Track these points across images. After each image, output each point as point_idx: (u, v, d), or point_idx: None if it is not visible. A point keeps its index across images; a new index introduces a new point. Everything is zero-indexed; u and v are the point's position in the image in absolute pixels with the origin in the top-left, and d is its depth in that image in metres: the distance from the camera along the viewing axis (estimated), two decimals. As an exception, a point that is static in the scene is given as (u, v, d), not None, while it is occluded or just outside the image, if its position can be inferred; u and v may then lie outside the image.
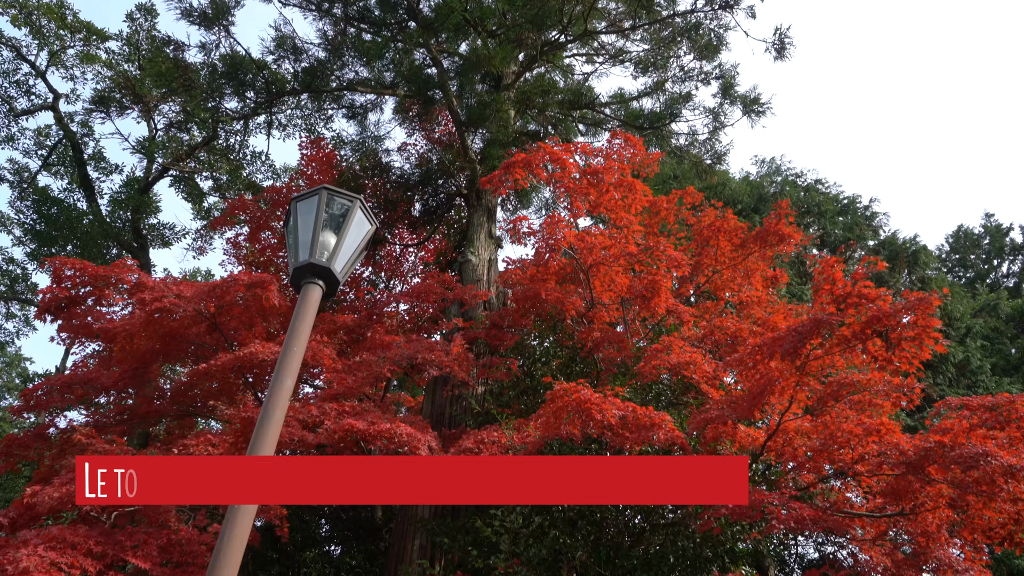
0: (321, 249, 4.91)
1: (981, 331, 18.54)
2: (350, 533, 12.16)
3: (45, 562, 6.61)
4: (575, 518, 8.80)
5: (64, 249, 18.59)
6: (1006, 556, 14.37)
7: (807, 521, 6.80)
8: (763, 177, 25.24)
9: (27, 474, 18.21)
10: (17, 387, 29.29)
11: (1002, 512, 6.96)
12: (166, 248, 22.50)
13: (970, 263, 29.89)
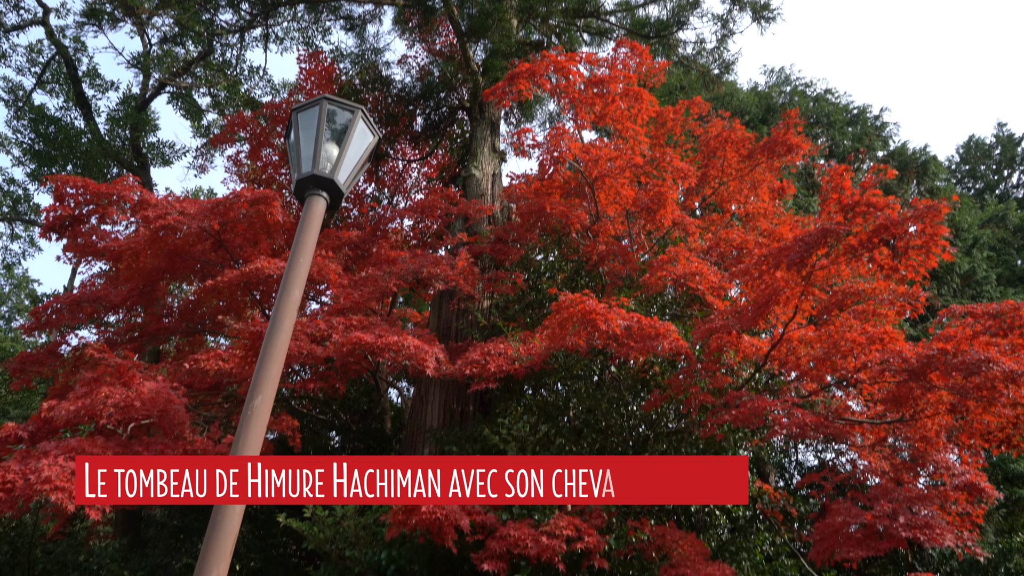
0: (324, 160, 4.85)
1: (988, 242, 18.44)
2: (361, 444, 12.45)
3: (66, 472, 6.80)
4: (580, 427, 8.98)
5: (64, 169, 18.43)
6: (1002, 460, 14.69)
7: (808, 427, 6.92)
8: (772, 87, 24.70)
9: (42, 391, 18.58)
10: (26, 309, 29.56)
11: (1001, 416, 7.07)
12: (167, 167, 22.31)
13: (980, 174, 29.52)
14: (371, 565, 7.39)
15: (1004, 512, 14.65)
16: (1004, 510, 14.65)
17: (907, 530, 6.13)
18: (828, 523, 6.70)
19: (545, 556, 6.44)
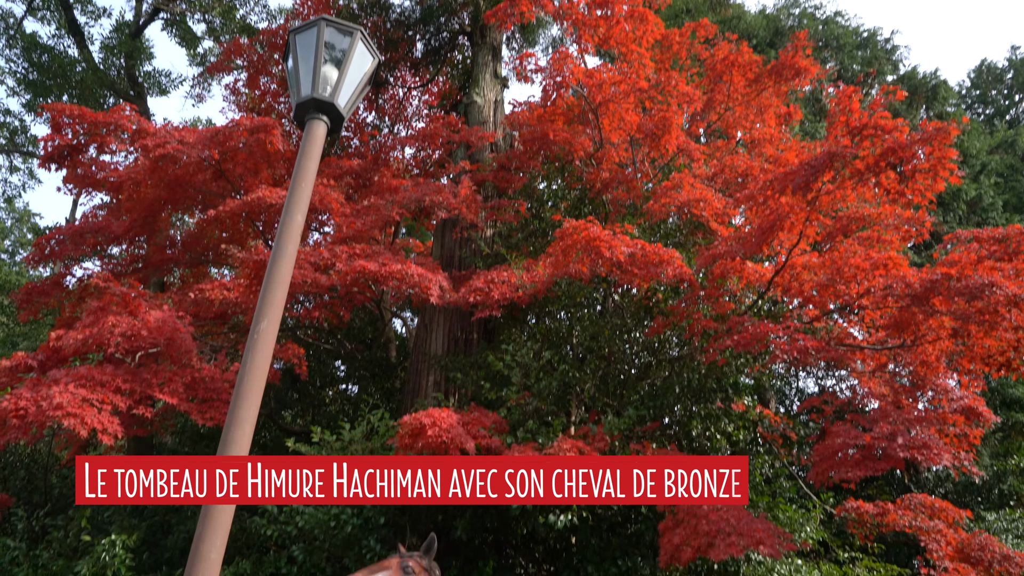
0: (323, 83, 4.76)
1: (996, 168, 18.22)
2: (366, 372, 12.60)
3: (77, 398, 6.91)
4: (584, 354, 9.06)
5: (59, 100, 18.17)
6: (1000, 385, 14.85)
7: (810, 352, 6.97)
8: (780, 10, 24.05)
9: (49, 322, 18.72)
10: (28, 243, 29.57)
11: (1002, 340, 7.10)
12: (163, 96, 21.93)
13: (991, 99, 28.99)
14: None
15: (1000, 436, 14.90)
16: (1000, 434, 14.90)
17: (905, 450, 6.24)
18: (827, 445, 6.81)
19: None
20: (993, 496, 13.50)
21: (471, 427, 7.00)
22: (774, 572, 8.08)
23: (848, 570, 10.01)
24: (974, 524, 11.60)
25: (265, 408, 10.59)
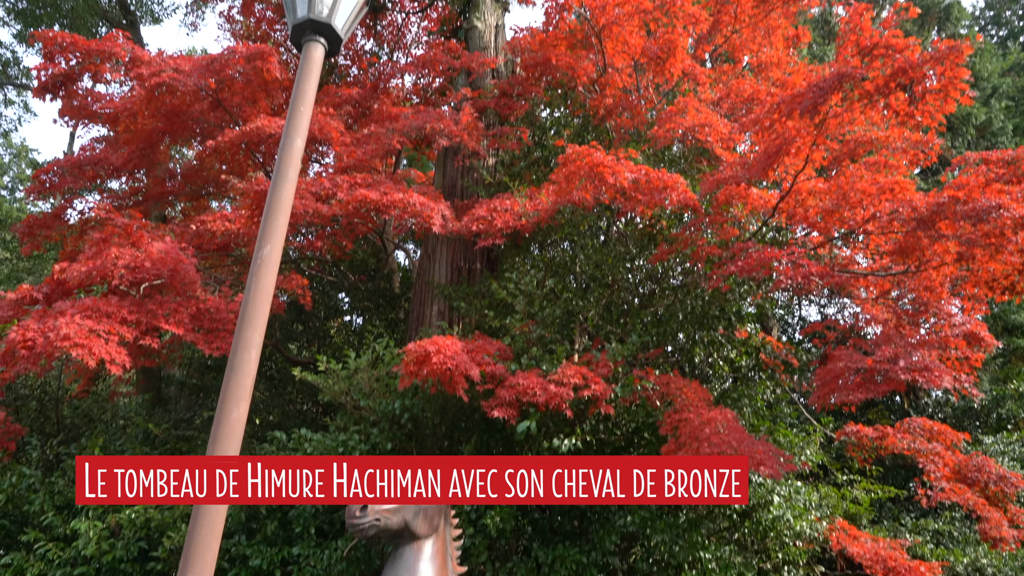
0: (320, 4, 4.63)
1: (1008, 91, 17.88)
2: (370, 304, 12.65)
3: (84, 329, 6.96)
4: (587, 282, 9.06)
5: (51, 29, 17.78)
6: (1003, 311, 14.90)
7: (813, 277, 6.96)
8: (789, -71, 23.24)
9: (53, 257, 18.75)
10: (27, 178, 29.39)
11: (1007, 264, 7.08)
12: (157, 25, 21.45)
13: (1005, 21, 28.25)
14: (385, 414, 7.67)
15: (1001, 361, 15.01)
16: (1001, 359, 15.01)
17: (906, 373, 6.29)
18: (829, 369, 6.86)
19: (553, 403, 6.65)
20: (991, 420, 13.68)
21: (475, 354, 7.05)
22: (774, 493, 8.24)
23: (846, 492, 10.23)
24: (972, 447, 11.79)
25: (271, 339, 10.68)
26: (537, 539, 7.75)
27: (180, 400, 12.41)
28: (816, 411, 12.28)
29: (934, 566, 7.81)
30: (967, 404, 13.84)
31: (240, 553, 7.50)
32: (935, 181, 15.27)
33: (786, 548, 8.39)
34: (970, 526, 11.45)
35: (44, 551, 7.46)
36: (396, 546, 4.99)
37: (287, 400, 12.06)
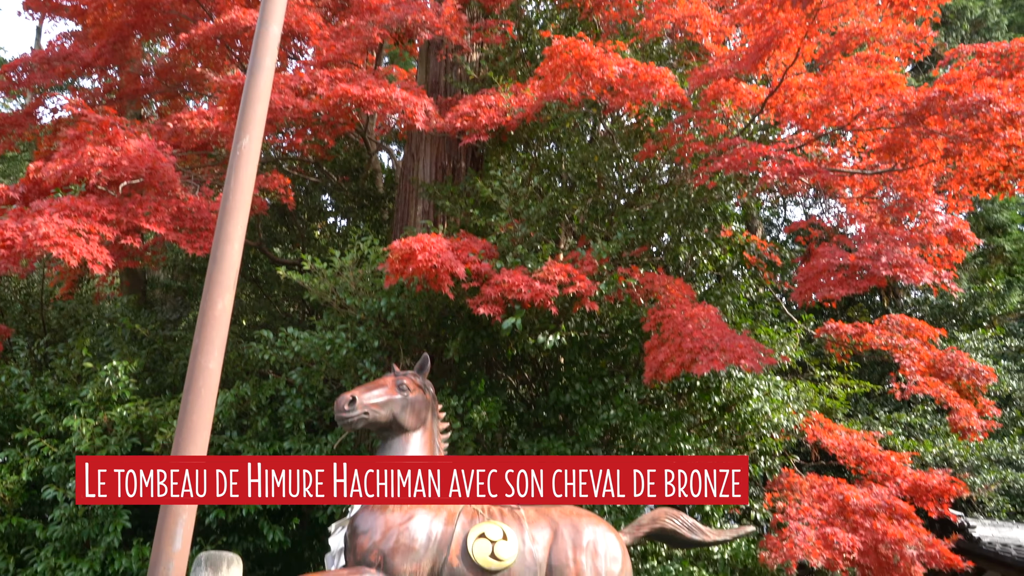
0: None
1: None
2: (354, 205, 12.54)
3: (63, 228, 6.87)
4: (573, 180, 8.99)
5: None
6: (986, 211, 14.99)
7: (800, 173, 6.93)
8: None
9: (27, 158, 18.34)
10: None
11: (993, 160, 7.06)
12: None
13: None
14: (371, 313, 7.72)
15: (980, 260, 15.21)
16: (981, 259, 15.21)
17: (888, 269, 6.36)
18: (812, 265, 6.92)
19: (538, 300, 6.70)
20: (968, 318, 13.98)
21: (461, 252, 7.05)
22: (753, 388, 8.46)
23: (823, 387, 10.51)
24: (947, 344, 12.07)
25: (254, 241, 10.60)
26: (523, 432, 7.96)
27: (166, 303, 12.42)
28: (797, 309, 12.48)
29: (904, 456, 8.10)
30: (945, 302, 14.09)
31: (232, 448, 7.66)
32: (927, 78, 15.05)
33: (763, 440, 8.67)
34: (941, 419, 11.86)
35: (38, 448, 7.60)
36: (385, 439, 5.09)
37: (273, 302, 12.09)
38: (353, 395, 4.91)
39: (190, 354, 3.30)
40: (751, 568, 7.99)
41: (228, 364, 8.73)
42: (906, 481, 7.60)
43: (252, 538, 7.81)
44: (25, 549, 7.36)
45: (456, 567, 4.60)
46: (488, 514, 4.89)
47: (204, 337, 3.26)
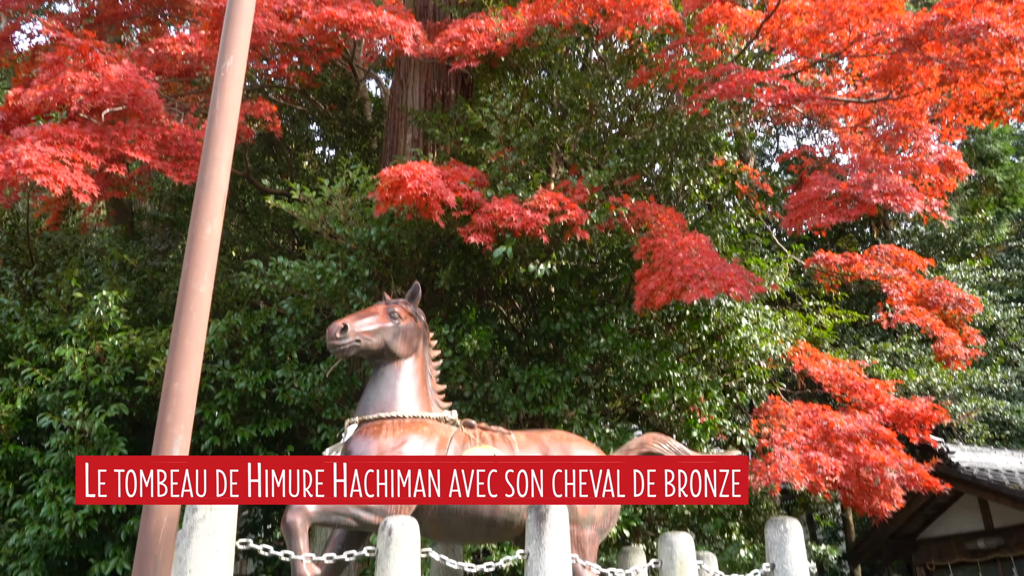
0: None
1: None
2: (342, 134, 12.37)
3: (46, 156, 6.74)
4: (565, 107, 8.87)
5: None
6: (978, 141, 14.92)
7: (794, 100, 6.85)
8: None
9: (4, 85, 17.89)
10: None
11: (989, 87, 6.99)
12: None
13: None
14: (362, 242, 7.68)
15: (971, 192, 15.21)
16: (971, 190, 15.20)
17: (879, 196, 6.34)
18: (803, 193, 6.90)
19: (529, 229, 6.68)
20: (956, 249, 14.06)
21: (451, 181, 6.99)
22: (742, 317, 8.53)
23: (811, 317, 10.61)
24: (935, 274, 12.17)
25: (242, 171, 10.48)
26: (513, 360, 8.04)
27: (154, 234, 12.31)
28: (788, 239, 12.51)
29: (888, 384, 8.24)
30: (934, 233, 14.15)
31: (225, 377, 7.73)
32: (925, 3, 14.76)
33: (751, 368, 8.79)
34: (926, 349, 12.04)
35: (31, 377, 7.63)
36: (377, 366, 5.11)
37: (263, 233, 12.02)
38: (345, 323, 4.91)
39: (180, 279, 3.28)
40: (736, 491, 8.21)
41: (219, 294, 8.72)
42: (889, 408, 7.75)
43: (247, 464, 7.95)
44: (23, 475, 7.47)
45: None
46: (480, 439, 4.95)
47: (193, 261, 3.23)
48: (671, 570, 4.54)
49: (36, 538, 6.93)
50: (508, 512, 4.74)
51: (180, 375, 3.02)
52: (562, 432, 5.31)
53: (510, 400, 7.55)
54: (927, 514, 10.64)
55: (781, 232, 12.44)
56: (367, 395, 4.99)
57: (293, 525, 4.26)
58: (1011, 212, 15.27)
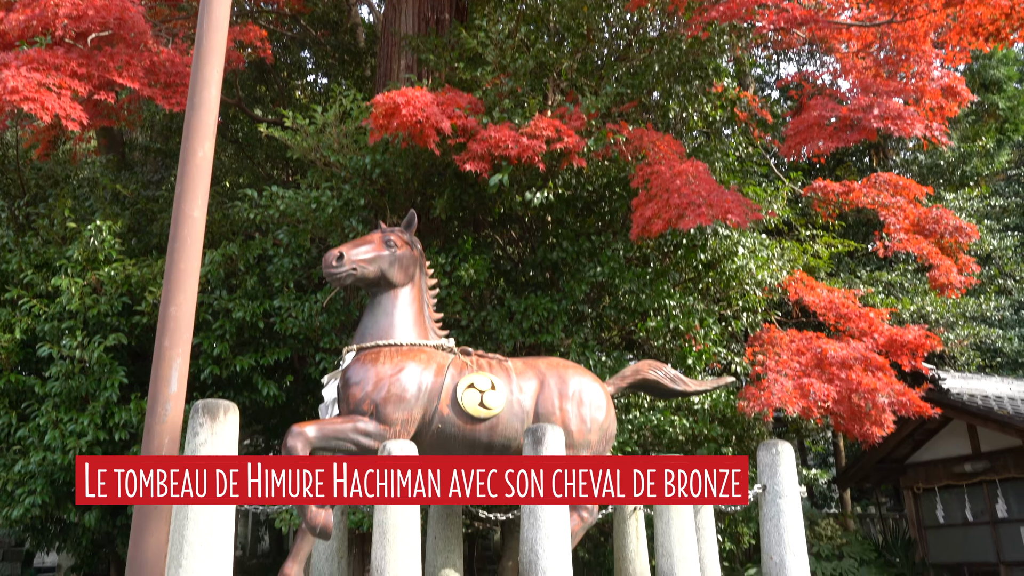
0: None
1: None
2: (334, 61, 12.12)
3: (32, 82, 6.60)
4: (562, 32, 8.67)
5: None
6: (982, 68, 14.66)
7: (796, 22, 6.69)
8: None
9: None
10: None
11: (996, 7, 6.82)
12: None
13: None
14: (356, 170, 7.61)
15: (972, 119, 15.03)
16: (973, 117, 15.02)
17: (879, 121, 6.26)
18: (803, 118, 6.81)
19: (525, 156, 6.60)
20: (955, 178, 13.97)
21: (446, 107, 6.87)
22: (739, 246, 8.52)
23: (808, 247, 10.61)
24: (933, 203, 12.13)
25: (233, 99, 10.28)
26: (510, 289, 8.06)
27: (146, 164, 12.17)
28: (786, 168, 12.41)
29: (882, 313, 8.29)
30: (933, 162, 14.03)
31: (222, 307, 7.74)
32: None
33: (747, 296, 8.82)
34: (921, 278, 12.08)
35: (29, 307, 7.65)
36: (374, 295, 5.11)
37: (256, 164, 11.88)
38: (341, 251, 4.90)
39: (173, 203, 3.25)
40: (729, 417, 8.34)
41: (213, 224, 8.67)
42: (883, 336, 7.81)
43: (248, 393, 8.04)
44: (26, 404, 7.55)
45: (446, 415, 4.74)
46: (477, 366, 4.99)
47: (187, 185, 3.20)
48: (665, 490, 4.64)
49: (41, 464, 7.06)
50: (505, 437, 4.82)
51: (176, 299, 3.02)
52: (559, 359, 5.35)
53: (507, 329, 7.59)
54: (916, 439, 10.85)
55: (780, 161, 12.33)
56: (364, 323, 5.01)
57: (294, 449, 4.33)
58: (1012, 140, 15.12)
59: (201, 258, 4.17)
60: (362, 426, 4.52)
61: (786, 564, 4.75)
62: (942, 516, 10.58)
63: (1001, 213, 14.30)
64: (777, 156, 11.56)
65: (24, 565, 12.81)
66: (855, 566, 9.64)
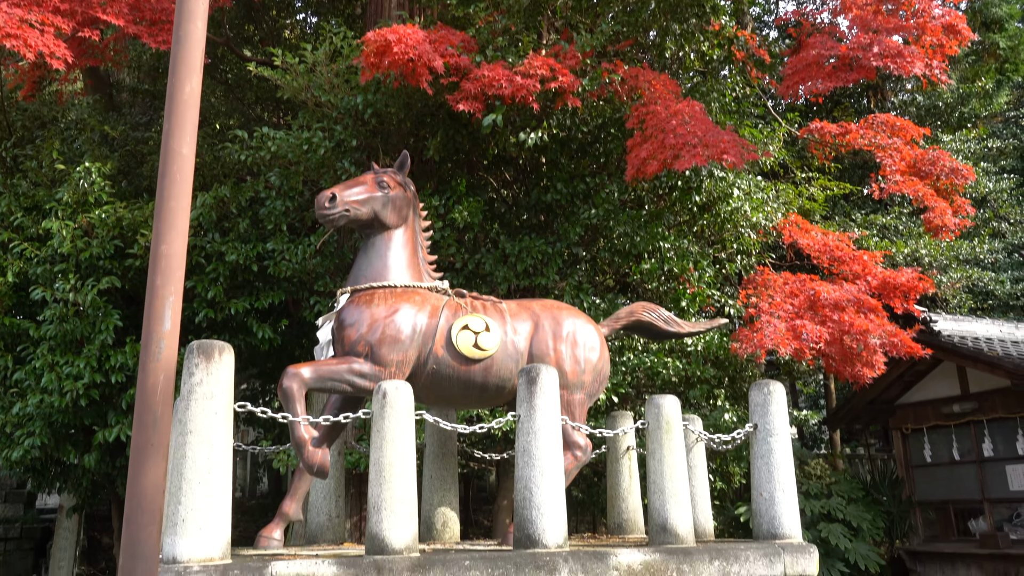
0: None
1: None
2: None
3: (14, 19, 6.44)
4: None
5: None
6: (984, 5, 14.40)
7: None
8: None
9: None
10: None
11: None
12: None
13: None
14: (348, 111, 7.49)
15: (972, 59, 14.83)
16: (973, 57, 14.81)
17: (879, 59, 6.17)
18: (801, 57, 6.71)
19: (519, 95, 6.50)
20: (953, 120, 13.84)
21: (438, 45, 6.74)
22: (734, 187, 8.47)
23: (803, 189, 10.57)
24: (930, 144, 12.04)
25: (221, 37, 10.06)
26: (504, 232, 8.03)
27: (134, 106, 11.97)
28: (783, 110, 12.28)
29: (876, 255, 8.30)
30: (932, 103, 13.89)
31: (215, 250, 7.71)
32: None
33: (741, 239, 8.81)
34: (915, 221, 12.07)
35: (20, 250, 7.59)
36: (367, 237, 5.09)
37: (247, 105, 11.70)
38: (333, 192, 4.86)
39: (161, 142, 3.19)
40: (722, 359, 8.41)
41: (204, 167, 8.58)
42: (876, 279, 7.83)
43: (243, 336, 8.05)
44: (21, 347, 7.56)
45: (441, 356, 4.76)
46: (471, 308, 4.99)
47: (174, 122, 3.13)
48: (657, 430, 4.70)
49: (39, 407, 7.10)
50: (500, 377, 4.85)
51: (167, 238, 2.98)
52: (552, 301, 5.37)
53: (501, 271, 7.59)
54: (906, 381, 10.96)
55: (777, 102, 12.19)
56: (358, 265, 5.00)
57: (290, 390, 4.36)
58: (1011, 80, 14.94)
59: (192, 199, 4.13)
60: (357, 367, 4.54)
61: (776, 500, 4.84)
62: (929, 455, 10.76)
63: (998, 155, 14.23)
64: (774, 97, 11.42)
65: (27, 506, 13.00)
66: (843, 504, 9.83)
